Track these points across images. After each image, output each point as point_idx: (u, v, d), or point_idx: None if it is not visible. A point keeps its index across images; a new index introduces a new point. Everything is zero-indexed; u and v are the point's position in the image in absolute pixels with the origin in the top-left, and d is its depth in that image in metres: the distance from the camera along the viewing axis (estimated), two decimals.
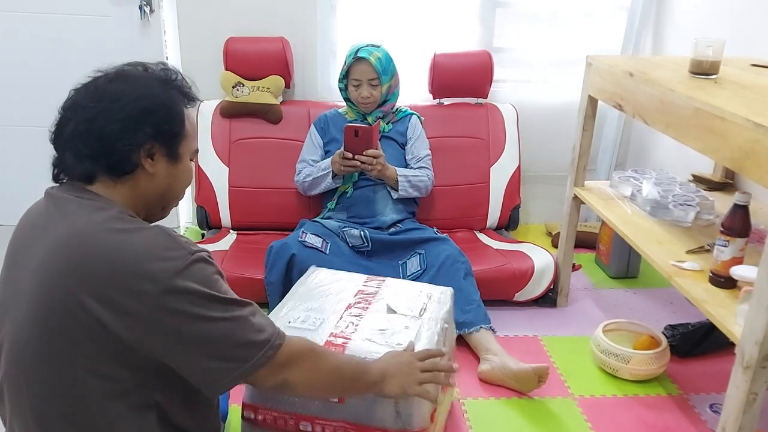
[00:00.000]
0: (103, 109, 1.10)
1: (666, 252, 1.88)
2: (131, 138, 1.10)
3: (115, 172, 1.12)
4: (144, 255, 1.03)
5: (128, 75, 1.15)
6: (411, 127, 2.58)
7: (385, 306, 1.64)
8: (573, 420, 1.92)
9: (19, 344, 1.07)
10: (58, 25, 2.81)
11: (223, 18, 2.82)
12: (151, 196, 1.17)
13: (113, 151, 1.10)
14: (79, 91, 1.14)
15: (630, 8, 2.96)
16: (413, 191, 2.47)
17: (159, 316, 1.01)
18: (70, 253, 1.04)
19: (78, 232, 1.05)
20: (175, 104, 1.16)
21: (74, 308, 1.01)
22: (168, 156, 1.16)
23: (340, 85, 2.51)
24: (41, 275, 1.05)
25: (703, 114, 1.59)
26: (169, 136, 1.15)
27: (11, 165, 3.01)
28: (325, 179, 2.46)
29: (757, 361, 1.40)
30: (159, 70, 1.18)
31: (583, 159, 2.36)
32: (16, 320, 1.08)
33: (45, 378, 1.05)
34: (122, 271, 1.01)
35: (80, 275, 1.02)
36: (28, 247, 1.11)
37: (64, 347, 1.03)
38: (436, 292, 1.76)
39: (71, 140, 1.11)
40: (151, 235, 1.06)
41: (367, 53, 2.40)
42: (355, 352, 1.43)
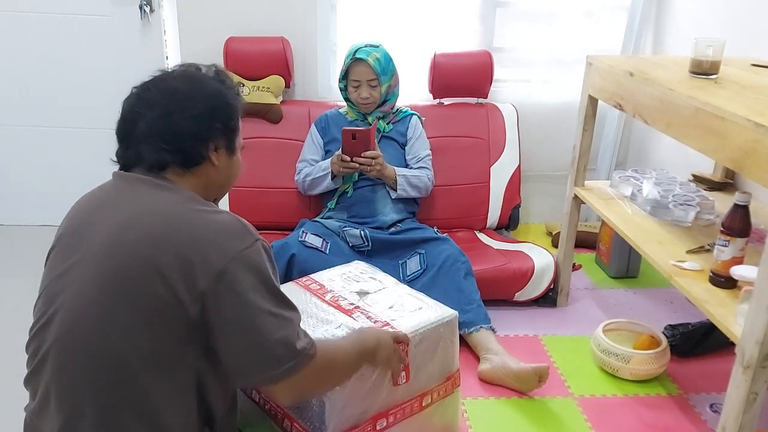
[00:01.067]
0: (177, 106, 1.19)
1: (666, 252, 1.88)
2: (204, 133, 1.21)
3: (186, 164, 1.21)
4: (219, 231, 1.12)
5: (192, 75, 1.25)
6: (411, 128, 2.58)
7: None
8: (573, 420, 1.92)
9: (79, 310, 1.10)
10: (58, 25, 2.81)
11: (223, 18, 2.82)
12: (213, 186, 1.27)
13: (188, 145, 1.20)
14: (148, 88, 1.21)
15: (630, 8, 2.96)
16: (412, 191, 2.47)
17: (224, 285, 1.08)
18: (152, 224, 1.11)
19: (159, 207, 1.13)
20: (234, 101, 1.27)
21: (150, 274, 1.07)
22: (227, 149, 1.26)
23: (340, 86, 2.52)
24: (116, 245, 1.10)
25: (704, 114, 1.59)
26: (230, 132, 1.26)
27: (11, 165, 3.01)
28: (324, 179, 2.46)
29: (757, 360, 1.40)
30: (213, 72, 1.28)
31: (583, 159, 2.36)
32: (79, 288, 1.11)
33: (100, 345, 1.08)
34: (200, 242, 1.09)
35: (161, 242, 1.08)
36: (97, 221, 1.16)
37: (129, 316, 1.08)
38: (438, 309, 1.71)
39: (148, 135, 1.18)
40: (227, 218, 1.16)
41: (365, 54, 2.40)
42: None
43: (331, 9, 2.87)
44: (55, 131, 2.95)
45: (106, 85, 2.86)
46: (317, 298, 1.66)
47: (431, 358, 1.62)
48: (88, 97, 2.88)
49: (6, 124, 2.96)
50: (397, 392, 1.54)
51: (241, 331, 1.10)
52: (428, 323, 1.61)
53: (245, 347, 1.11)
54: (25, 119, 2.94)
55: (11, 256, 2.82)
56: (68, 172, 2.96)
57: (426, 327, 1.59)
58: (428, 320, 1.62)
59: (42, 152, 2.99)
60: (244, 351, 1.12)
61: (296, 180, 2.60)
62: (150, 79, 1.24)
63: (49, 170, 3.00)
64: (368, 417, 1.49)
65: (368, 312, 1.60)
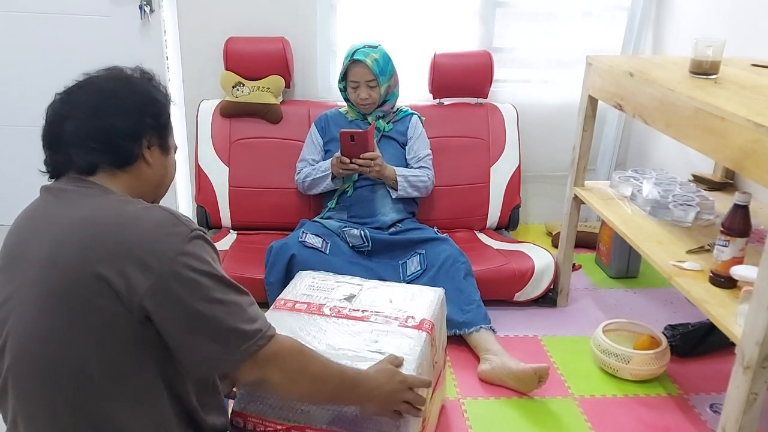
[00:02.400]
0: (105, 104, 1.15)
1: (666, 252, 1.88)
2: (134, 130, 1.17)
3: (118, 163, 1.17)
4: (152, 229, 1.07)
5: (117, 75, 1.22)
6: (411, 127, 2.58)
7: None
8: (573, 420, 1.92)
9: (27, 332, 1.07)
10: (58, 25, 2.81)
11: (223, 18, 2.82)
12: (147, 187, 1.22)
13: (120, 143, 1.16)
14: (73, 91, 1.19)
15: (630, 8, 2.96)
16: (412, 191, 2.47)
17: (164, 286, 1.04)
18: (82, 234, 1.07)
19: (86, 215, 1.09)
20: (164, 99, 1.24)
21: (90, 283, 1.04)
22: (161, 147, 1.23)
23: (340, 86, 2.52)
24: (51, 261, 1.07)
25: (703, 114, 1.59)
26: (162, 129, 1.22)
27: (11, 165, 3.01)
28: (324, 180, 2.46)
29: (757, 361, 1.40)
30: (139, 71, 1.25)
31: (583, 159, 2.36)
32: (23, 311, 1.08)
33: (54, 365, 1.06)
34: (133, 243, 1.05)
35: (95, 250, 1.05)
36: (30, 240, 1.12)
37: (77, 330, 1.05)
38: (426, 293, 1.75)
39: (76, 136, 1.14)
40: (158, 213, 1.11)
41: (363, 55, 2.40)
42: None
43: (331, 9, 2.87)
44: None
45: None
46: (319, 316, 1.60)
47: (441, 333, 1.70)
48: None
49: (6, 124, 2.96)
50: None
51: (192, 327, 1.07)
52: (435, 305, 1.66)
53: (198, 341, 1.08)
54: (25, 119, 2.94)
55: None
56: None
57: (435, 308, 1.65)
58: (432, 302, 1.66)
59: (42, 152, 2.98)
60: (197, 345, 1.08)
61: (296, 180, 2.60)
62: (74, 82, 1.20)
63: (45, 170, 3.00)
64: None
65: (379, 312, 1.59)
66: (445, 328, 1.82)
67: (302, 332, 1.51)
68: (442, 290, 1.77)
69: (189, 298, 1.06)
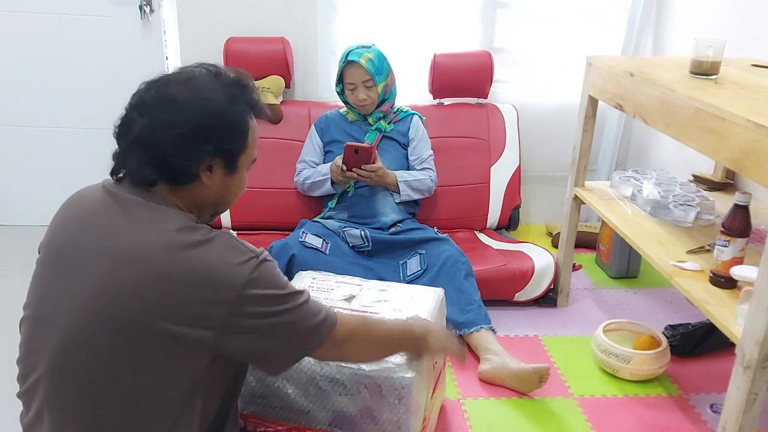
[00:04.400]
0: (167, 120, 1.10)
1: (666, 252, 1.88)
2: (192, 154, 1.12)
3: (172, 181, 1.14)
4: (219, 264, 1.07)
5: (197, 83, 1.14)
6: (413, 128, 2.58)
7: None
8: (573, 420, 1.92)
9: (74, 345, 1.07)
10: (58, 25, 2.82)
11: (223, 18, 2.82)
12: (204, 204, 1.20)
13: (172, 163, 1.12)
14: (149, 89, 1.14)
15: (630, 8, 2.96)
16: (415, 194, 2.47)
17: (236, 320, 1.08)
18: (149, 262, 1.06)
19: (152, 240, 1.07)
20: (240, 120, 1.17)
21: (154, 319, 1.04)
22: (226, 168, 1.18)
23: (337, 89, 2.51)
24: (110, 282, 1.06)
25: (704, 114, 1.59)
26: (230, 152, 1.17)
27: (11, 165, 3.01)
28: (323, 184, 2.47)
29: (758, 361, 1.40)
30: (231, 79, 1.17)
31: (583, 159, 2.36)
32: (69, 320, 1.08)
33: (101, 381, 1.07)
34: (199, 285, 1.05)
35: (161, 284, 1.05)
36: (85, 246, 1.11)
37: (136, 357, 1.06)
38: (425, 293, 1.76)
39: (133, 144, 1.12)
40: (220, 246, 1.10)
41: (357, 56, 2.39)
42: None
43: (331, 9, 2.87)
44: (55, 131, 2.96)
45: (106, 85, 2.86)
46: None
47: None
48: (88, 98, 2.88)
49: (6, 124, 2.96)
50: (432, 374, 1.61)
51: (269, 341, 1.14)
52: (435, 305, 1.67)
53: (278, 350, 1.16)
54: (25, 119, 2.94)
55: (11, 256, 2.82)
56: (68, 172, 2.96)
57: (435, 308, 1.66)
58: (432, 302, 1.67)
59: (42, 152, 2.99)
60: (278, 352, 1.17)
61: (296, 181, 2.60)
62: (158, 76, 1.16)
63: (49, 170, 3.00)
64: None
65: (379, 313, 1.59)
66: (446, 329, 1.82)
67: None
68: (442, 290, 1.77)
69: (262, 322, 1.11)
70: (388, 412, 1.40)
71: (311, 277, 1.80)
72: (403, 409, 1.40)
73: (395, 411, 1.40)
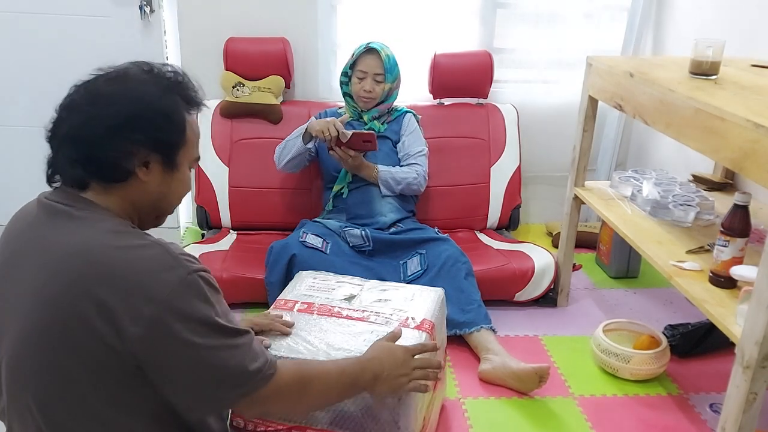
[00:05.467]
0: (96, 113, 1.05)
1: (666, 252, 1.88)
2: (121, 145, 1.05)
3: (106, 178, 1.07)
4: (143, 273, 1.00)
5: (128, 77, 1.10)
6: (404, 125, 2.57)
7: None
8: (573, 420, 1.92)
9: (18, 362, 1.05)
10: (58, 25, 2.81)
11: (223, 18, 2.82)
12: (144, 205, 1.13)
13: (103, 159, 1.05)
14: (78, 89, 1.10)
15: (630, 9, 2.96)
16: (398, 186, 2.43)
17: (154, 337, 0.99)
18: (71, 274, 1.01)
19: (77, 250, 1.02)
20: (175, 111, 1.11)
21: (79, 328, 0.99)
22: (164, 164, 1.11)
23: (343, 79, 2.51)
24: (38, 297, 1.02)
25: (703, 114, 1.59)
26: (165, 145, 1.10)
27: (11, 165, 3.01)
28: (296, 142, 2.43)
29: (757, 360, 1.40)
30: (164, 73, 1.12)
31: (583, 159, 2.36)
32: (14, 339, 1.05)
33: (48, 400, 1.04)
34: (123, 289, 0.99)
35: (84, 295, 0.99)
36: (20, 258, 1.08)
37: (67, 368, 1.02)
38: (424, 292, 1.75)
39: (63, 143, 1.07)
40: (150, 254, 1.03)
41: (378, 47, 2.43)
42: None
43: (331, 9, 2.87)
44: None
45: None
46: (319, 316, 1.59)
47: (441, 333, 1.70)
48: None
49: (6, 125, 2.96)
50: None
51: (182, 373, 1.03)
52: (435, 305, 1.66)
53: (189, 386, 1.04)
54: (25, 119, 2.94)
55: None
56: None
57: (435, 308, 1.65)
58: (432, 302, 1.67)
59: (42, 152, 2.98)
60: (188, 389, 1.04)
61: (275, 151, 2.55)
62: (88, 77, 1.11)
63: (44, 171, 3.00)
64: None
65: (379, 313, 1.60)
66: (445, 329, 1.82)
67: (303, 332, 1.51)
68: (442, 290, 1.77)
69: (183, 346, 1.00)
70: (388, 412, 1.40)
71: (312, 276, 1.80)
72: (404, 408, 1.40)
73: (396, 411, 1.40)
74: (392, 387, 1.30)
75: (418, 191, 2.52)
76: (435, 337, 1.60)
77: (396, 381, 1.30)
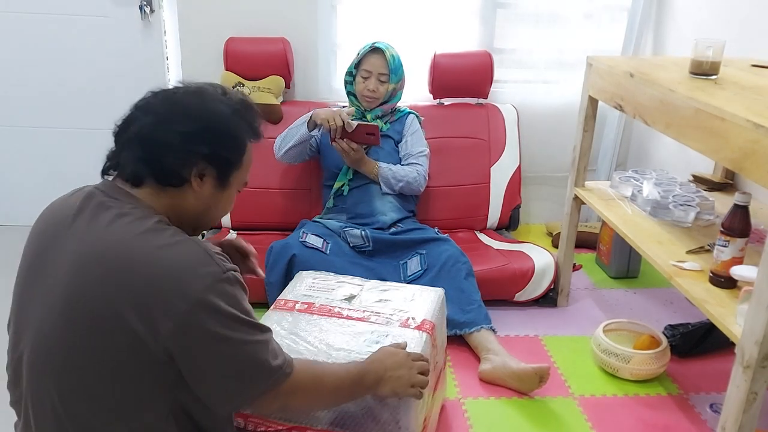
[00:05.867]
0: (170, 118, 1.12)
1: (666, 252, 1.88)
2: (186, 153, 1.12)
3: (162, 181, 1.13)
4: (178, 269, 1.05)
5: (205, 93, 1.17)
6: (406, 125, 2.58)
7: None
8: (573, 420, 1.92)
9: (43, 351, 1.08)
10: (58, 25, 2.82)
11: (223, 18, 2.82)
12: (189, 214, 1.18)
13: (166, 161, 1.11)
14: (156, 95, 1.16)
15: (630, 9, 2.96)
16: (398, 184, 2.44)
17: (187, 331, 1.04)
18: (107, 264, 1.05)
19: (113, 243, 1.07)
20: (240, 134, 1.18)
21: (111, 321, 1.03)
22: (218, 180, 1.17)
23: (348, 78, 2.51)
24: (71, 287, 1.06)
25: (704, 114, 1.59)
26: (224, 162, 1.17)
27: (11, 165, 3.01)
28: (299, 130, 2.44)
29: (757, 360, 1.40)
30: (236, 99, 1.19)
31: (583, 159, 2.36)
32: (39, 327, 1.08)
33: (72, 389, 1.07)
34: (158, 284, 1.03)
35: (119, 289, 1.04)
36: (56, 250, 1.11)
37: (94, 358, 1.05)
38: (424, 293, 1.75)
39: (132, 141, 1.12)
40: (187, 251, 1.08)
41: (384, 46, 2.44)
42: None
43: (331, 9, 2.87)
44: (55, 131, 2.96)
45: (106, 85, 2.86)
46: (320, 317, 1.59)
47: (441, 334, 1.70)
48: (88, 98, 2.88)
49: (6, 125, 2.96)
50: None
51: (213, 367, 1.08)
52: (435, 305, 1.67)
53: (219, 379, 1.09)
54: (24, 119, 2.94)
55: (11, 256, 2.82)
56: (68, 173, 2.95)
57: (435, 308, 1.65)
58: (433, 302, 1.67)
59: (42, 152, 2.99)
60: (219, 383, 1.10)
61: (275, 141, 2.55)
62: (166, 86, 1.19)
63: (49, 170, 3.00)
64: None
65: (379, 313, 1.60)
66: (446, 329, 1.82)
67: (303, 333, 1.51)
68: (443, 290, 1.77)
69: (213, 341, 1.06)
70: (388, 412, 1.40)
71: (312, 277, 1.80)
72: (404, 408, 1.40)
73: (396, 411, 1.40)
74: (395, 387, 1.35)
75: (418, 191, 2.52)
76: (435, 338, 1.60)
77: (398, 381, 1.35)
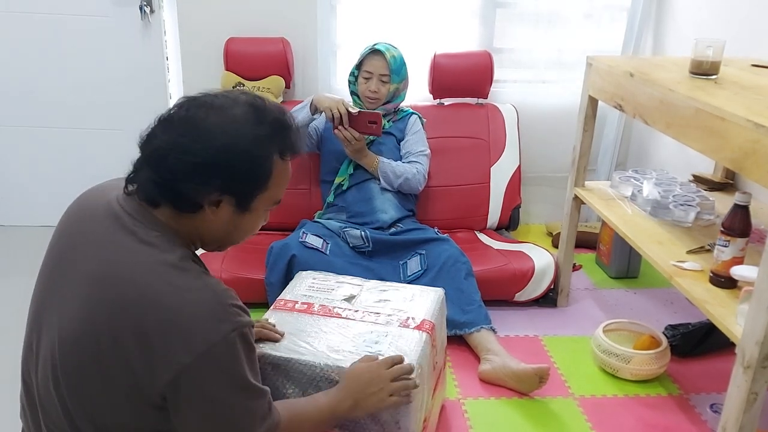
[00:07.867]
0: (186, 145, 1.06)
1: (666, 252, 1.88)
2: (199, 184, 1.07)
3: (176, 207, 1.10)
4: (189, 320, 1.02)
5: (229, 114, 1.09)
6: (408, 125, 2.58)
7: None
8: (573, 420, 1.92)
9: (53, 362, 1.08)
10: (58, 25, 2.82)
11: (223, 18, 2.82)
12: (211, 236, 1.16)
13: (180, 190, 1.07)
14: (181, 108, 1.10)
15: (630, 9, 2.96)
16: (397, 179, 2.44)
17: (184, 386, 1.02)
18: (121, 295, 1.03)
19: (133, 270, 1.05)
20: (261, 163, 1.10)
21: (114, 347, 1.02)
22: (236, 206, 1.12)
23: (351, 78, 2.52)
24: (84, 302, 1.05)
25: (704, 114, 1.59)
26: (242, 191, 1.11)
27: (11, 165, 3.01)
28: (299, 113, 2.43)
29: (758, 360, 1.40)
30: (270, 112, 1.12)
31: (583, 159, 2.36)
32: (51, 337, 1.08)
33: (75, 406, 1.07)
34: (166, 331, 1.01)
35: (124, 317, 1.02)
36: (76, 259, 1.10)
37: (94, 378, 1.05)
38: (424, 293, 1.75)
39: (149, 159, 1.09)
40: (202, 299, 1.04)
41: (383, 48, 2.45)
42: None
43: (331, 9, 2.87)
44: (55, 131, 2.95)
45: (107, 85, 2.86)
46: (319, 317, 1.59)
47: (441, 334, 1.71)
48: (88, 98, 2.88)
49: (6, 125, 2.96)
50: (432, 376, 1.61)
51: (200, 424, 1.06)
52: (435, 305, 1.66)
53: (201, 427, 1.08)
54: (25, 119, 2.94)
55: (11, 256, 2.82)
56: (68, 173, 2.96)
57: (435, 309, 1.65)
58: (433, 302, 1.67)
59: (42, 152, 2.99)
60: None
61: None
62: (198, 95, 1.12)
63: (49, 170, 3.00)
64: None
65: (379, 313, 1.60)
66: (445, 329, 1.82)
67: (302, 333, 1.51)
68: (442, 290, 1.77)
69: (209, 400, 1.04)
70: (388, 413, 1.40)
71: (311, 277, 1.80)
72: (404, 408, 1.40)
73: (396, 411, 1.40)
74: (375, 404, 1.34)
75: (417, 189, 2.52)
76: (435, 338, 1.60)
77: (375, 397, 1.34)
